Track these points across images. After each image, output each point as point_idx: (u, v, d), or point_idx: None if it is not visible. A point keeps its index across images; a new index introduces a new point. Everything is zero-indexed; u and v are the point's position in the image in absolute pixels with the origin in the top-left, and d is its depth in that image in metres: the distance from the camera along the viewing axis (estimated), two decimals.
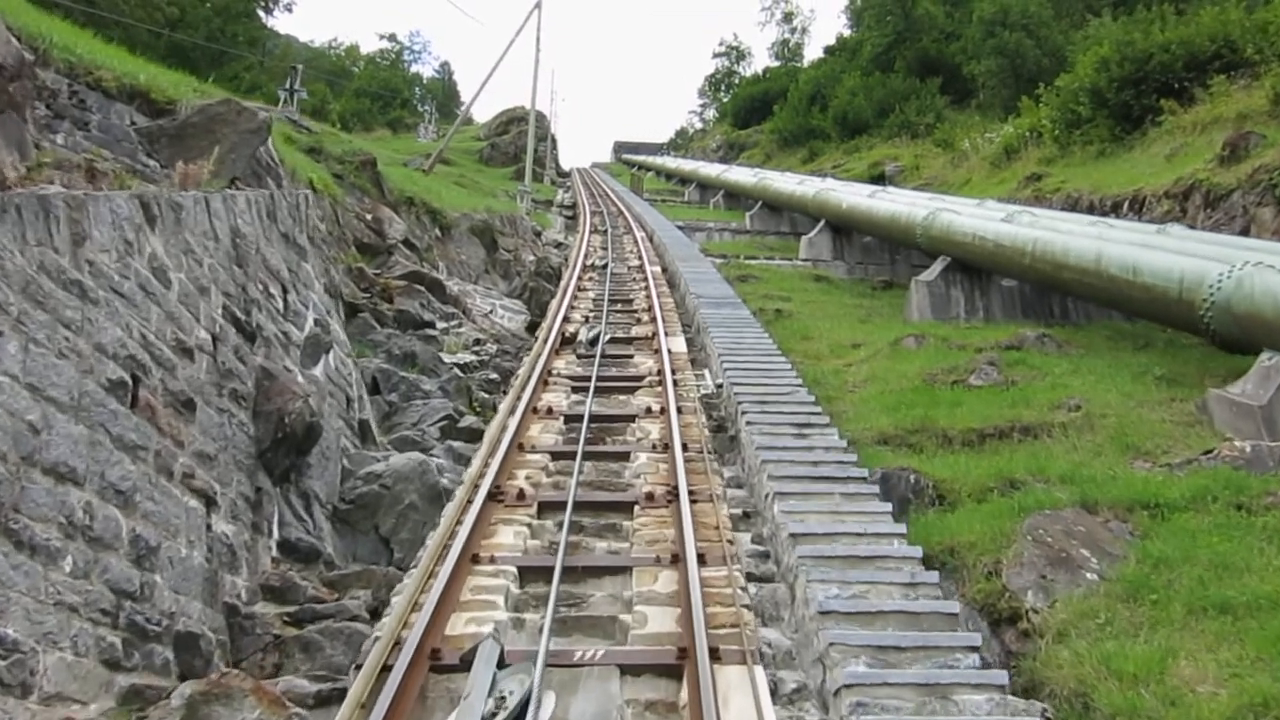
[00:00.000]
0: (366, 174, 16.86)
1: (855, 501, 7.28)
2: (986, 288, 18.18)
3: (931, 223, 18.98)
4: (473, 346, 15.54)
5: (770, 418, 9.26)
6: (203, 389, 7.36)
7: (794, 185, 31.04)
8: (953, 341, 14.91)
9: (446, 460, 10.54)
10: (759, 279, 23.29)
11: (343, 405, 9.95)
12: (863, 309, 20.54)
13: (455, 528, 6.48)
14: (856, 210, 23.52)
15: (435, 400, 12.10)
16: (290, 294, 9.29)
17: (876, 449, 10.38)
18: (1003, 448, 10.42)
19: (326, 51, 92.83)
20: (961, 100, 53.76)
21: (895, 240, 22.56)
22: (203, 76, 45.63)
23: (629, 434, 9.18)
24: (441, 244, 19.15)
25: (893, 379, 13.14)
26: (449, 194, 23.12)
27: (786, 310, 19.42)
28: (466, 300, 18.31)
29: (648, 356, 12.11)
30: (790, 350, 15.20)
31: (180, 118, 9.52)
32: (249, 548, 7.53)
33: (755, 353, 12.27)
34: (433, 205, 19.03)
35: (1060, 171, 30.18)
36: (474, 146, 64.27)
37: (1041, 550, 7.80)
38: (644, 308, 15.43)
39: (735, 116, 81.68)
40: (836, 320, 18.83)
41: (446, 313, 15.93)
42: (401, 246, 16.96)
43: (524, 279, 19.87)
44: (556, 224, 32.76)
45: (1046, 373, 12.61)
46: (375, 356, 12.95)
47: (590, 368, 11.06)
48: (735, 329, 13.67)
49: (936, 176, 40.40)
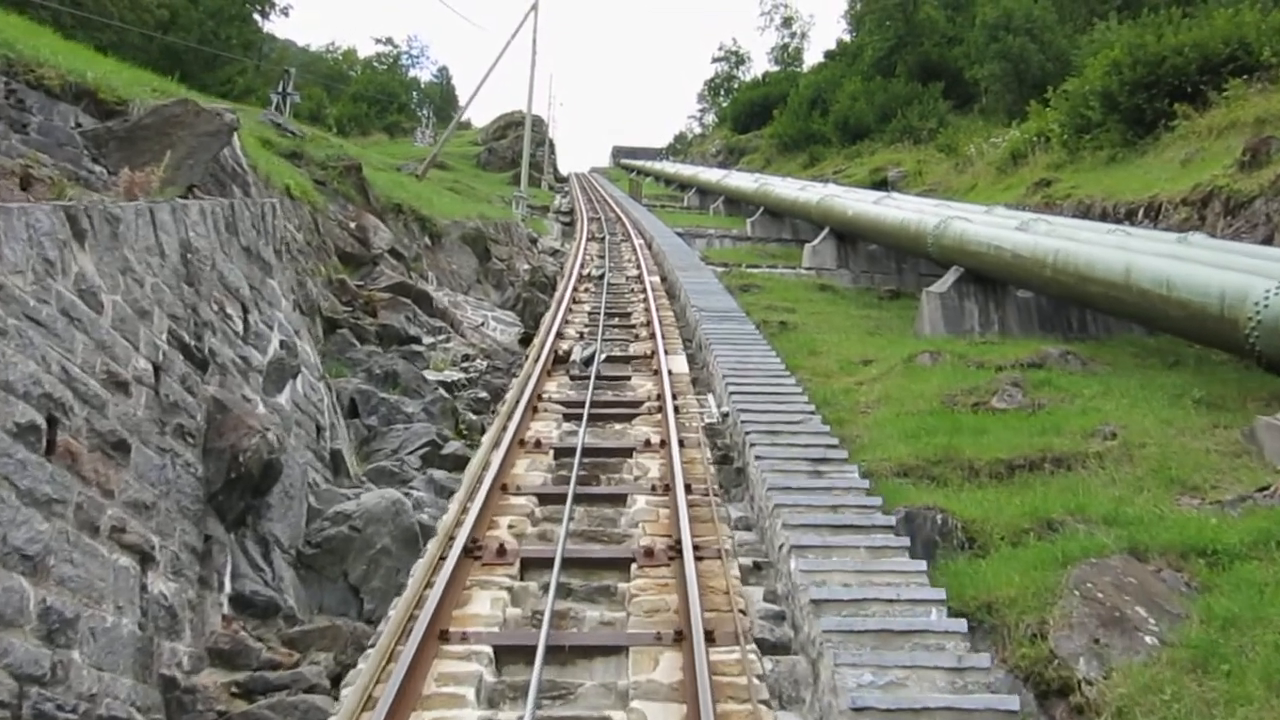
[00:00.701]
0: (351, 180, 15.94)
1: (883, 557, 6.35)
2: (1002, 300, 17.26)
3: (943, 231, 18.06)
4: (461, 363, 14.63)
5: (781, 450, 8.34)
6: (140, 427, 6.43)
7: (796, 191, 30.14)
8: (970, 359, 13.99)
9: (427, 493, 9.62)
10: (762, 288, 22.38)
11: (312, 435, 9.02)
12: (870, 320, 19.63)
13: (424, 591, 5.56)
14: (863, 218, 22.60)
15: (418, 424, 11.18)
16: (252, 314, 8.36)
17: (897, 482, 9.45)
18: (1034, 481, 9.48)
19: (324, 56, 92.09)
20: (963, 105, 52.92)
21: (904, 249, 21.66)
22: (195, 80, 44.81)
23: (625, 471, 8.25)
24: (431, 253, 18.23)
25: (909, 400, 12.21)
26: (440, 200, 22.21)
27: (791, 322, 18.51)
28: (456, 312, 17.39)
29: (646, 378, 11.18)
30: (797, 367, 14.30)
31: (131, 119, 8.59)
32: (194, 606, 6.60)
33: (762, 373, 11.35)
34: (422, 212, 18.10)
35: (1070, 177, 29.30)
36: (471, 151, 63.41)
37: (1092, 608, 6.86)
38: (642, 322, 14.51)
39: (735, 121, 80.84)
40: (844, 333, 17.91)
41: (434, 326, 15.01)
42: (388, 256, 16.04)
43: (517, 289, 18.94)
44: (553, 230, 31.85)
45: (1075, 395, 11.68)
46: (354, 376, 12.03)
47: (584, 391, 10.13)
48: (740, 345, 12.75)
49: (940, 182, 39.53)
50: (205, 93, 41.70)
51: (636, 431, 9.21)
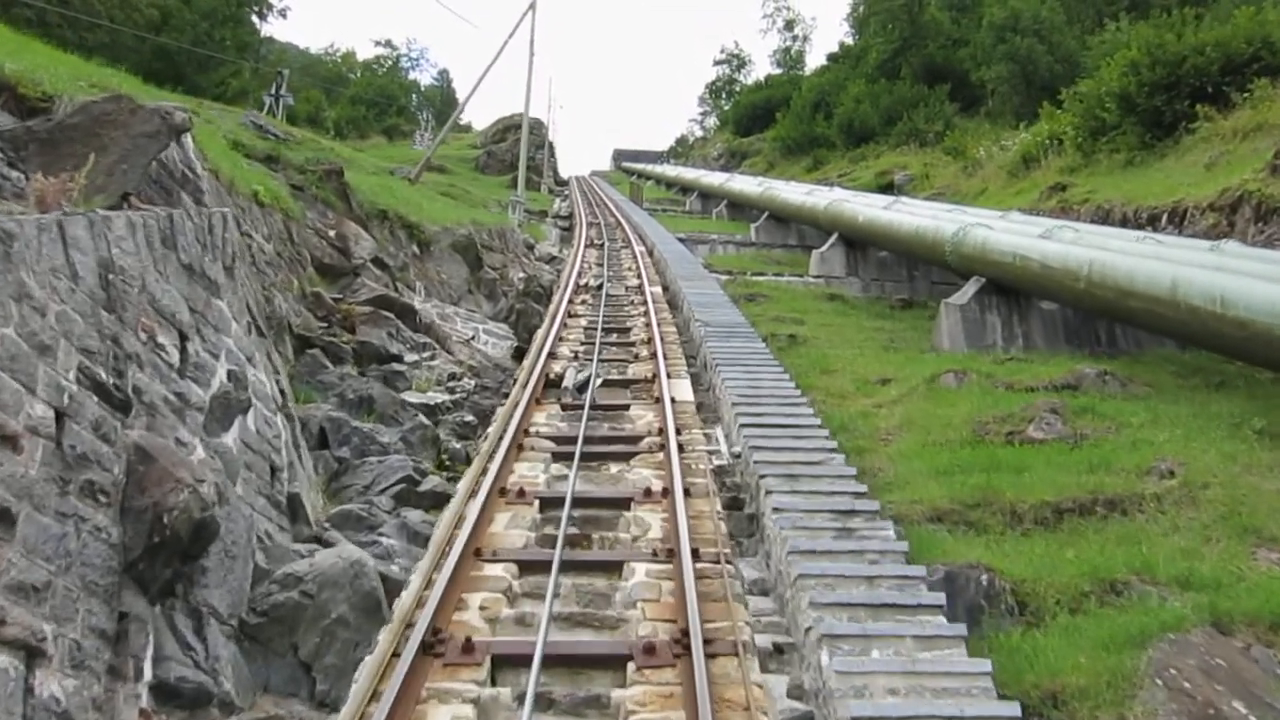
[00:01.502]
0: (331, 185, 14.79)
1: (935, 648, 5.18)
2: (1026, 312, 16.09)
3: (963, 240, 16.88)
4: (447, 382, 13.46)
5: (802, 500, 7.17)
6: (32, 490, 5.26)
7: (802, 196, 28.96)
8: (998, 379, 12.82)
9: (398, 539, 8.45)
10: (768, 298, 21.22)
11: (264, 478, 7.85)
12: (884, 333, 18.46)
13: (367, 709, 4.39)
14: (875, 224, 21.42)
15: (393, 457, 10.00)
16: (192, 342, 7.19)
17: (930, 529, 8.28)
18: (1086, 528, 8.31)
19: (323, 58, 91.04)
20: (970, 107, 51.75)
21: (919, 258, 20.47)
22: (188, 83, 43.66)
23: (622, 528, 7.05)
24: (420, 262, 17.07)
25: (935, 427, 11.03)
26: (431, 206, 21.04)
27: (801, 335, 17.34)
28: (445, 325, 16.23)
29: (647, 407, 9.99)
30: (810, 387, 13.13)
31: (55, 118, 7.44)
32: (100, 706, 5.43)
33: (775, 400, 10.18)
34: (410, 219, 16.94)
35: (1085, 181, 28.12)
36: (470, 154, 62.30)
37: (1180, 704, 5.68)
38: (643, 339, 13.32)
39: (737, 124, 79.71)
40: (858, 348, 16.74)
41: (418, 343, 13.84)
42: (370, 266, 14.88)
43: (510, 300, 17.77)
44: (551, 236, 30.67)
45: (1121, 424, 10.51)
46: (325, 401, 10.86)
47: (577, 424, 8.96)
48: (749, 367, 11.58)
49: (949, 186, 38.34)
50: (198, 95, 40.64)
51: (635, 476, 8.02)
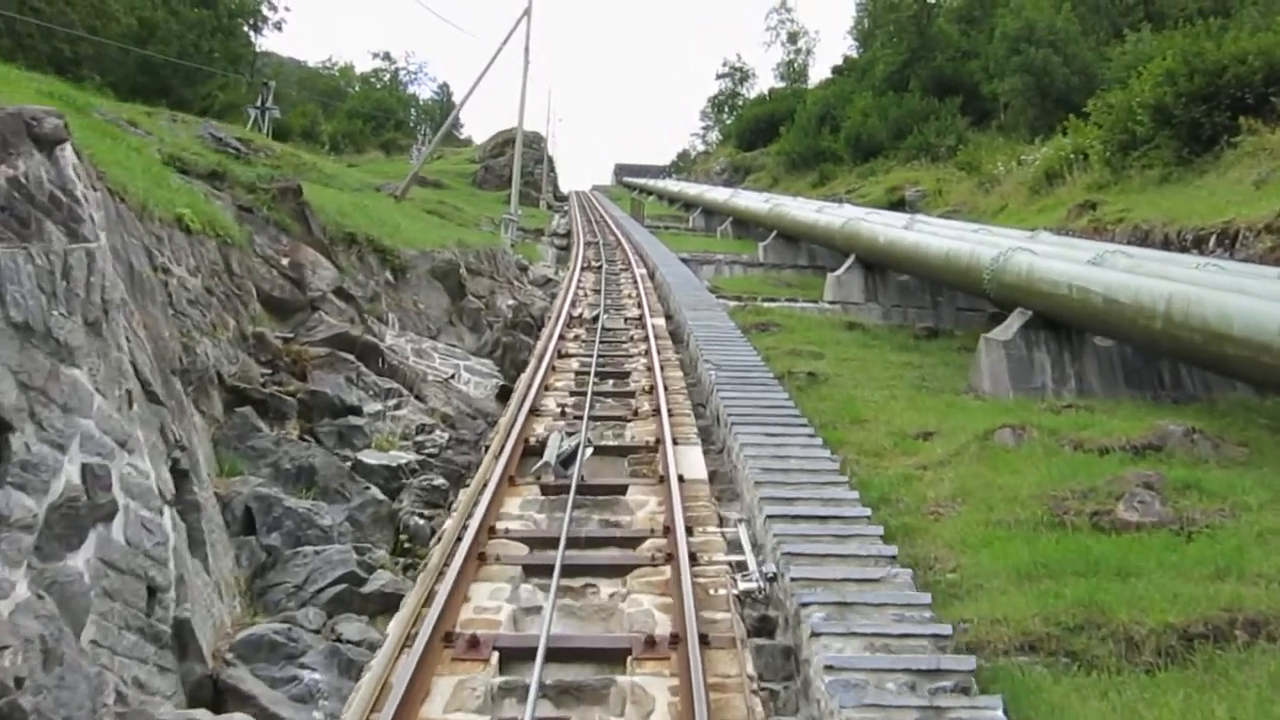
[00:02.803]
0: (287, 205, 12.78)
1: None
2: (1079, 350, 14.04)
3: (1004, 266, 14.84)
4: (415, 436, 11.42)
5: (864, 653, 5.12)
6: None
7: (814, 214, 26.93)
8: (1063, 435, 10.73)
9: (325, 673, 6.39)
10: (781, 327, 19.16)
11: (137, 606, 5.80)
12: (913, 369, 16.40)
13: None
14: (898, 246, 19.38)
15: (334, 547, 7.97)
16: (19, 433, 5.16)
17: (1024, 666, 6.21)
18: (1228, 663, 6.22)
19: (321, 71, 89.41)
20: (981, 121, 49.85)
21: (950, 284, 18.41)
22: (174, 96, 41.75)
23: (613, 704, 4.95)
24: (393, 291, 15.06)
25: (998, 501, 8.96)
26: (413, 227, 19.01)
27: (821, 373, 15.27)
28: (421, 363, 14.20)
29: (649, 489, 7.87)
30: (840, 442, 11.09)
31: None
32: None
33: (807, 474, 8.13)
34: (382, 243, 14.92)
35: (1116, 199, 26.11)
36: (468, 169, 60.40)
37: None
38: (643, 387, 11.24)
39: (740, 138, 77.88)
40: (887, 389, 14.68)
41: (383, 389, 11.80)
42: (331, 299, 12.85)
43: (496, 333, 15.74)
44: (547, 256, 28.65)
45: (1236, 504, 8.42)
46: (256, 472, 8.82)
47: (559, 516, 6.89)
48: (769, 425, 9.53)
49: (965, 203, 36.36)
50: (185, 109, 38.73)
51: (633, 609, 5.88)
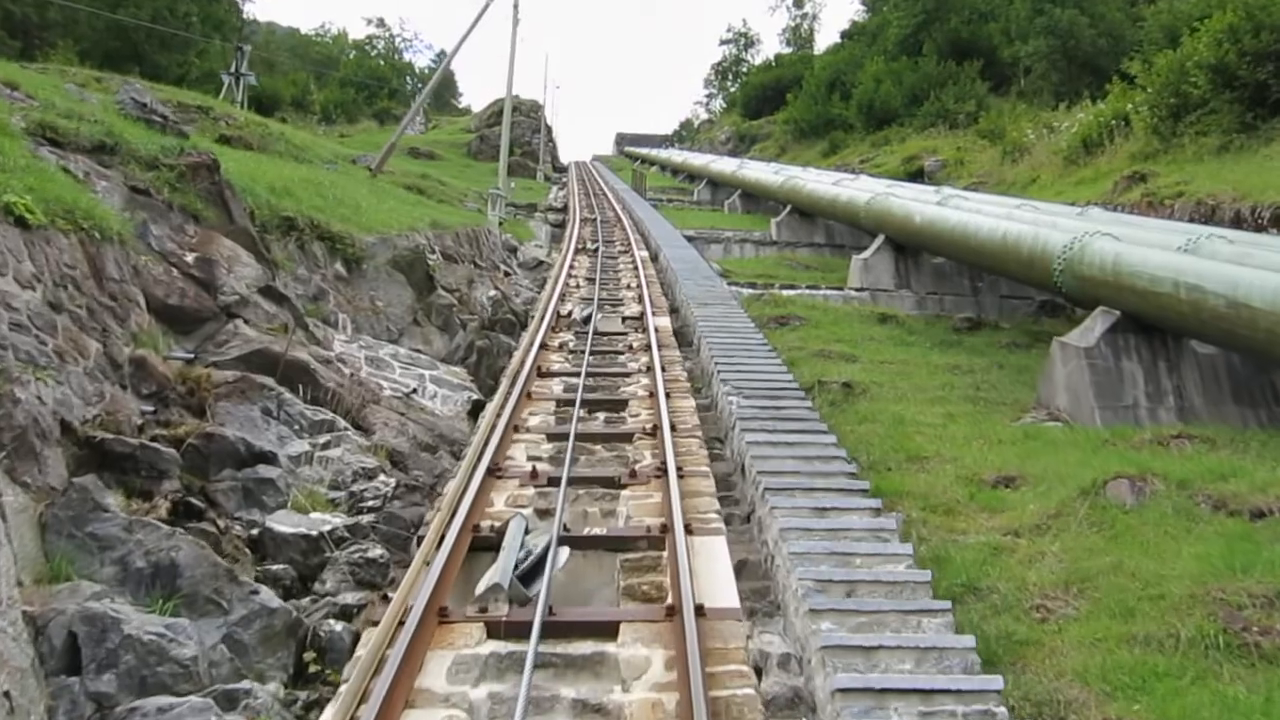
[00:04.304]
0: (198, 186, 9.98)
1: None
2: (1176, 359, 11.33)
3: (1081, 256, 12.09)
4: (351, 485, 8.77)
5: None
6: None
7: (834, 187, 24.08)
8: (1199, 489, 8.02)
9: None
10: (805, 321, 16.44)
11: None
12: (964, 375, 13.69)
13: None
14: (938, 227, 16.56)
15: (188, 702, 5.36)
16: None
17: None
18: None
19: (315, 39, 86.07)
20: (999, 87, 46.74)
21: (1009, 275, 15.61)
22: (148, 63, 38.77)
23: None
24: (346, 287, 12.35)
25: (1138, 603, 6.30)
26: (379, 207, 16.19)
27: (858, 383, 12.59)
28: (376, 376, 11.52)
29: (650, 630, 5.05)
30: (899, 492, 8.50)
31: None
32: None
33: (885, 592, 5.48)
34: (331, 228, 12.12)
35: (1169, 170, 23.23)
36: (463, 139, 57.36)
37: None
38: (644, 427, 8.39)
39: (745, 106, 74.61)
40: (939, 403, 12.01)
41: (314, 421, 9.11)
42: (258, 301, 10.14)
43: (470, 335, 13.02)
44: (540, 235, 25.83)
45: None
46: (96, 574, 6.18)
47: (512, 684, 4.25)
48: (820, 492, 6.85)
49: (989, 174, 33.45)
50: (159, 77, 35.80)
51: None
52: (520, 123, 59.14)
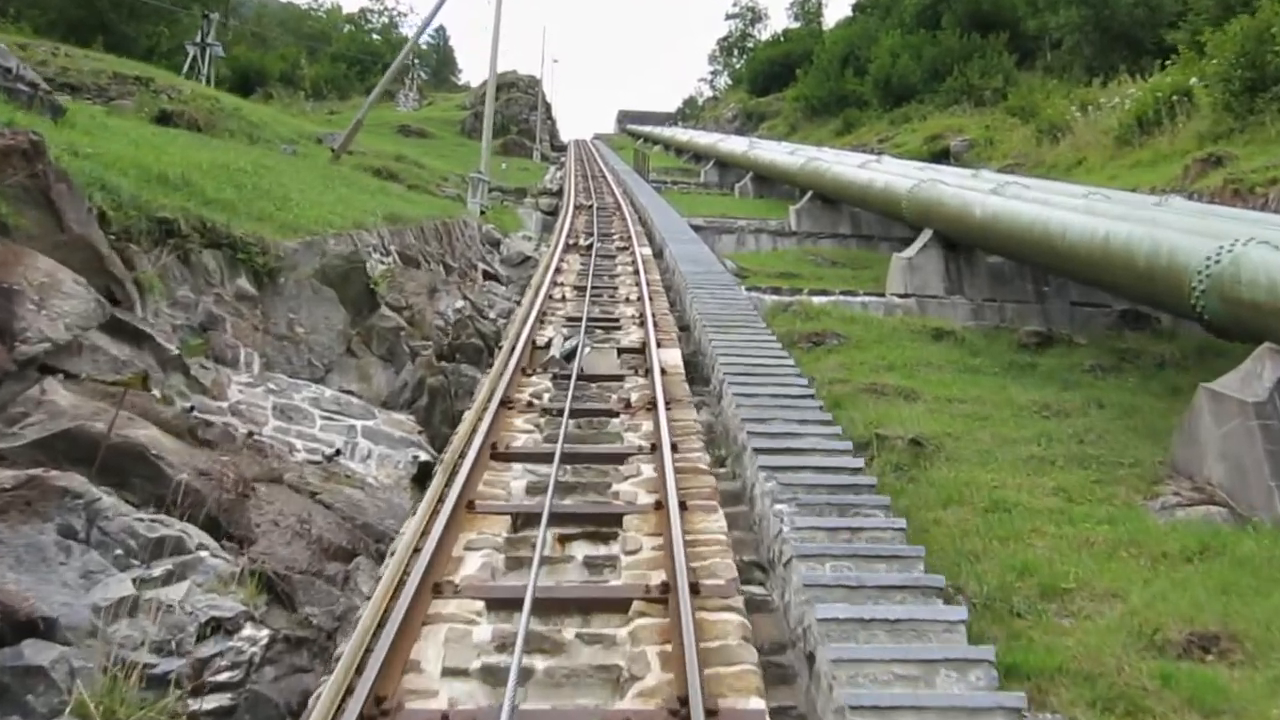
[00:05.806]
0: (7, 180, 6.77)
1: None
2: None
3: (1236, 271, 8.77)
4: (195, 645, 5.57)
5: None
6: None
7: (863, 172, 20.71)
8: None
9: None
10: (844, 340, 13.18)
11: None
12: (1058, 419, 10.44)
13: None
14: (1011, 225, 13.20)
15: None
16: None
17: None
18: None
19: (310, 12, 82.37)
20: (1023, 61, 43.10)
21: (1119, 291, 12.26)
22: (115, 34, 35.27)
23: None
24: (253, 309, 9.13)
25: None
26: (318, 199, 12.77)
27: (928, 437, 9.36)
28: (287, 433, 8.29)
29: None
30: (1043, 672, 5.33)
31: None
32: None
33: None
34: (231, 233, 8.86)
35: (1250, 153, 19.80)
36: (457, 117, 53.81)
37: None
38: (647, 584, 5.10)
39: (752, 83, 70.80)
40: (1044, 472, 8.79)
41: (150, 540, 5.89)
42: (99, 344, 6.93)
43: (420, 370, 9.79)
44: (530, 224, 22.55)
45: None
46: None
47: None
48: None
49: (1025, 155, 29.96)
50: (126, 49, 32.32)
51: None
52: (517, 99, 55.56)
